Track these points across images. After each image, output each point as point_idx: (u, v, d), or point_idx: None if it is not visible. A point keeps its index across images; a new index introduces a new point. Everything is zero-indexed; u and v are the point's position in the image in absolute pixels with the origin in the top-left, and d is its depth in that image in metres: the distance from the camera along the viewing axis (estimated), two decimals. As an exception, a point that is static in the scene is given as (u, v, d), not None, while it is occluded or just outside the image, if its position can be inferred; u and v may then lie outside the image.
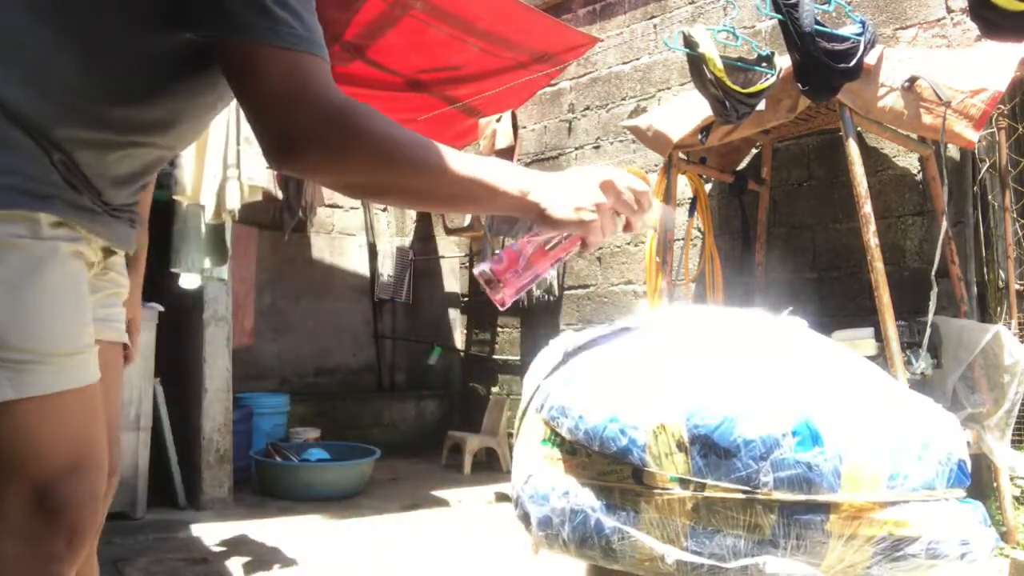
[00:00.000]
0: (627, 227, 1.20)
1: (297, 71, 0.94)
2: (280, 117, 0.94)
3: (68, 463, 0.96)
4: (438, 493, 4.79)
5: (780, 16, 3.02)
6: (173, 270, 3.80)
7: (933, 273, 3.10)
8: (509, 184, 1.08)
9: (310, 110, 0.94)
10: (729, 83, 3.08)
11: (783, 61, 3.51)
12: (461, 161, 1.04)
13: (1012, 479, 3.40)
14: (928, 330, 3.09)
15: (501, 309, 1.24)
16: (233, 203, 3.49)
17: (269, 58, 0.93)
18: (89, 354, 1.01)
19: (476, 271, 1.20)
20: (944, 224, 3.25)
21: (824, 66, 2.99)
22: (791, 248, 4.32)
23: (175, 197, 3.72)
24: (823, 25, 3.09)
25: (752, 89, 3.13)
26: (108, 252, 1.16)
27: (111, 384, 1.08)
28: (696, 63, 3.15)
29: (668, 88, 5.01)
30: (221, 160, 3.49)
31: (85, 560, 1.11)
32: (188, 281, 3.84)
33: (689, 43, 3.17)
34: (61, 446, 0.96)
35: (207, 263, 3.79)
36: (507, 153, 4.98)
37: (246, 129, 3.54)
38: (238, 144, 3.51)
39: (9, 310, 0.90)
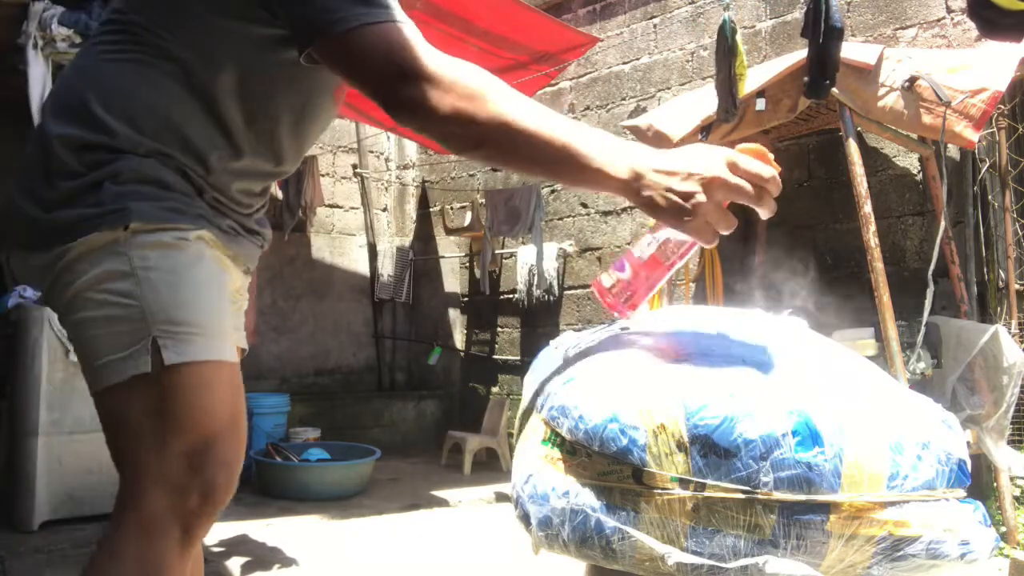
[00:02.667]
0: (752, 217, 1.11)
1: (390, 44, 1.09)
2: (392, 94, 1.09)
3: (217, 427, 1.13)
4: (438, 493, 4.79)
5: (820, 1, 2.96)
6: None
7: (930, 272, 3.10)
8: (604, 156, 1.04)
9: (416, 79, 1.07)
10: None
11: (782, 61, 3.51)
12: (556, 123, 1.05)
13: (1012, 479, 3.40)
14: (923, 329, 3.09)
15: (625, 318, 1.14)
16: None
17: (363, 40, 1.08)
18: (229, 337, 1.19)
19: (604, 282, 1.11)
20: (943, 224, 3.25)
21: (835, 65, 2.98)
22: (791, 248, 4.32)
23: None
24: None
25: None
26: (246, 272, 1.38)
27: (239, 385, 1.22)
28: None
29: (668, 88, 5.01)
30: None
31: (194, 560, 1.26)
32: None
33: None
34: (210, 411, 1.13)
35: None
36: (507, 153, 4.98)
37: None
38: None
39: (174, 293, 1.12)
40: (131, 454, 1.12)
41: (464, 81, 1.07)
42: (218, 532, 3.79)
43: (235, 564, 3.34)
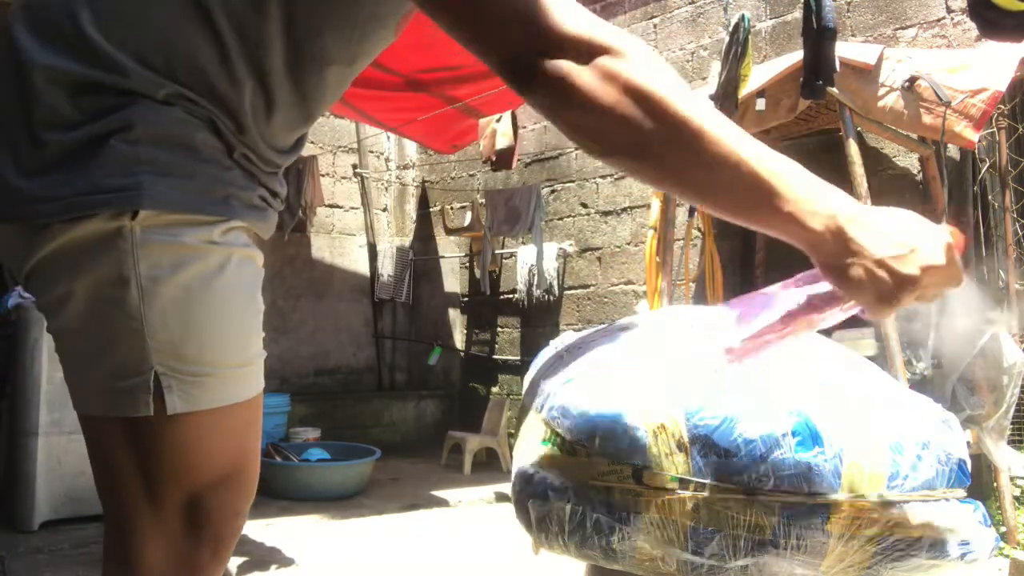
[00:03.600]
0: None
1: None
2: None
3: (221, 475, 0.94)
4: (438, 493, 4.79)
5: (812, 3, 2.97)
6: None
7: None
8: (803, 196, 0.80)
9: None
10: None
11: (782, 61, 3.51)
12: (746, 141, 0.79)
13: (1012, 479, 3.40)
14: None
15: (737, 364, 0.96)
16: None
17: None
18: (257, 364, 1.01)
19: (730, 345, 0.89)
20: (943, 224, 3.25)
21: (829, 64, 2.99)
22: (791, 248, 4.31)
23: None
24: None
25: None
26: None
27: (257, 417, 1.05)
28: None
29: (668, 88, 5.01)
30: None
31: None
32: None
33: None
34: (218, 458, 0.94)
35: None
36: (507, 153, 4.98)
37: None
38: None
39: (185, 320, 0.87)
40: (120, 503, 0.93)
41: (639, 60, 0.81)
42: (218, 532, 3.79)
43: (235, 564, 3.34)
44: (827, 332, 1.14)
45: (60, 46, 0.85)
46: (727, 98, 3.27)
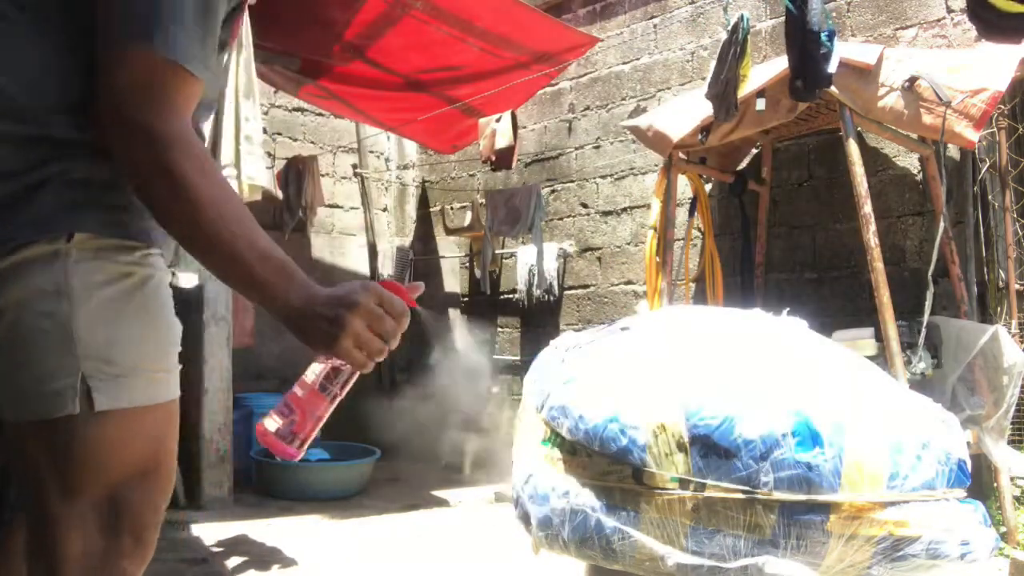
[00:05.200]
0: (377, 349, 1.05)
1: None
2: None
3: (142, 470, 1.05)
4: (438, 493, 4.79)
5: (792, 9, 2.99)
6: (170, 268, 3.78)
7: (930, 273, 3.09)
8: (278, 278, 1.00)
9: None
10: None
11: (782, 61, 3.51)
12: (246, 228, 0.99)
13: (1012, 479, 3.40)
14: (924, 330, 3.09)
15: (295, 461, 1.13)
16: None
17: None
18: (175, 373, 1.11)
19: (267, 427, 1.09)
20: (943, 224, 3.25)
21: (816, 66, 2.99)
22: (791, 248, 4.32)
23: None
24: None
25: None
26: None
27: (174, 420, 1.17)
28: None
29: (668, 88, 5.01)
30: (217, 159, 3.47)
31: None
32: (186, 280, 3.83)
33: None
34: (139, 454, 1.05)
35: None
36: (507, 153, 4.98)
37: (246, 128, 3.52)
38: (237, 143, 3.49)
39: (114, 328, 1.00)
40: (41, 502, 0.99)
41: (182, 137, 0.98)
42: (218, 532, 3.79)
43: (235, 564, 3.34)
44: (827, 332, 1.16)
45: None
46: (724, 98, 3.27)
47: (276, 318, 1.03)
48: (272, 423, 1.09)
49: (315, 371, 1.10)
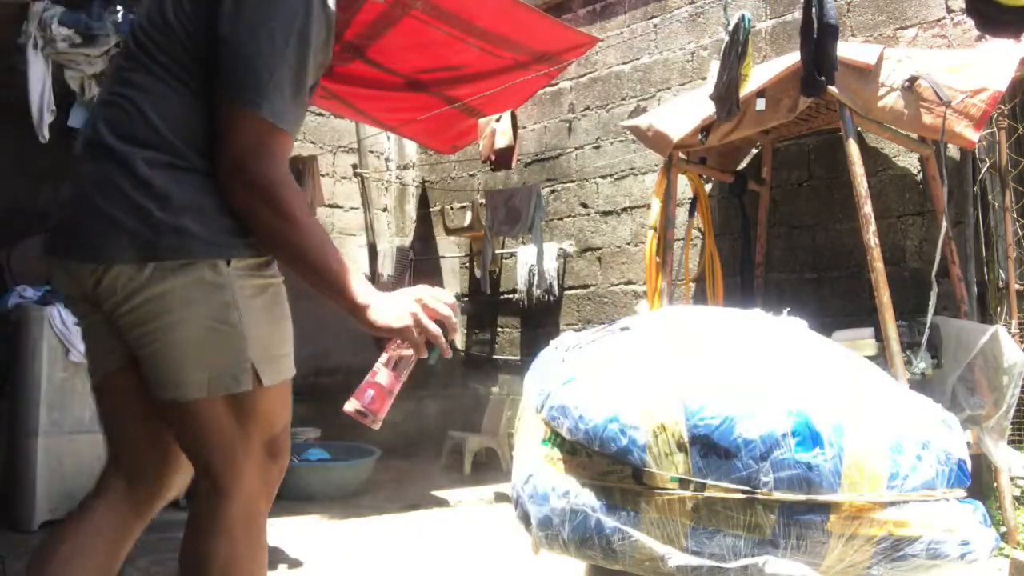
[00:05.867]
0: (444, 334, 1.41)
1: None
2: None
3: (284, 423, 1.46)
4: (438, 493, 4.79)
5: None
6: None
7: (934, 273, 3.09)
8: (354, 286, 1.34)
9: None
10: None
11: (782, 61, 3.51)
12: (328, 249, 1.33)
13: (1012, 479, 3.40)
14: (927, 330, 3.09)
15: (375, 429, 1.45)
16: None
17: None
18: (292, 355, 1.47)
19: (349, 409, 1.39)
20: (944, 224, 3.25)
21: (831, 62, 2.98)
22: (791, 248, 4.32)
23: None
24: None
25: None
26: None
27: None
28: None
29: (668, 88, 5.01)
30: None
31: None
32: None
33: None
34: (284, 412, 1.46)
35: None
36: (507, 152, 4.97)
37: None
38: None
39: (265, 327, 1.37)
40: (224, 450, 1.37)
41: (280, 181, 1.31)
42: (218, 532, 3.78)
43: (235, 564, 3.33)
44: (827, 332, 1.17)
45: (143, 141, 1.29)
46: (726, 98, 3.27)
47: (347, 312, 1.36)
48: (351, 405, 1.39)
49: (383, 360, 1.43)
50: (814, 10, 2.97)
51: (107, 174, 1.28)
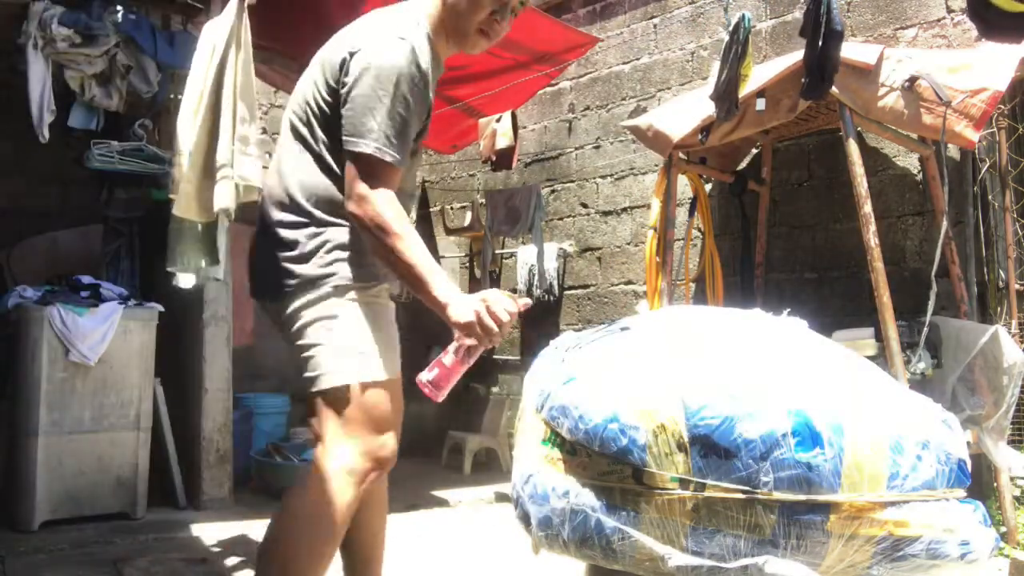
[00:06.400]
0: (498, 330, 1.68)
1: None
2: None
3: (396, 423, 1.82)
4: (438, 493, 4.79)
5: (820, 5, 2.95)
6: (169, 269, 3.76)
7: (933, 273, 3.09)
8: (437, 287, 1.67)
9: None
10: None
11: (782, 61, 3.51)
12: (426, 252, 1.69)
13: (1012, 479, 3.40)
14: (926, 330, 3.09)
15: (437, 402, 1.77)
16: (224, 203, 3.41)
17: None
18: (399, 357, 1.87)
19: (420, 379, 1.69)
20: (944, 224, 3.25)
21: (833, 67, 2.98)
22: (791, 248, 4.32)
23: (171, 196, 3.69)
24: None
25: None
26: None
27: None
28: None
29: (668, 88, 5.01)
30: (214, 160, 3.44)
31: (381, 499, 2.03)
32: (184, 281, 3.81)
33: None
34: (396, 410, 1.82)
35: (203, 263, 3.75)
36: (507, 153, 4.97)
37: (241, 129, 3.50)
38: (232, 144, 3.47)
39: (382, 332, 1.80)
40: (346, 432, 1.73)
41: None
42: (218, 532, 3.79)
43: (235, 564, 3.34)
44: (827, 332, 1.17)
45: (288, 209, 1.81)
46: (725, 98, 3.27)
47: (434, 311, 1.68)
48: (426, 375, 1.71)
49: (452, 347, 1.72)
50: (822, 15, 2.96)
51: (266, 237, 1.82)
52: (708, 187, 4.51)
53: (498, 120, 5.03)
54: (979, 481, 3.27)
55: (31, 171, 5.25)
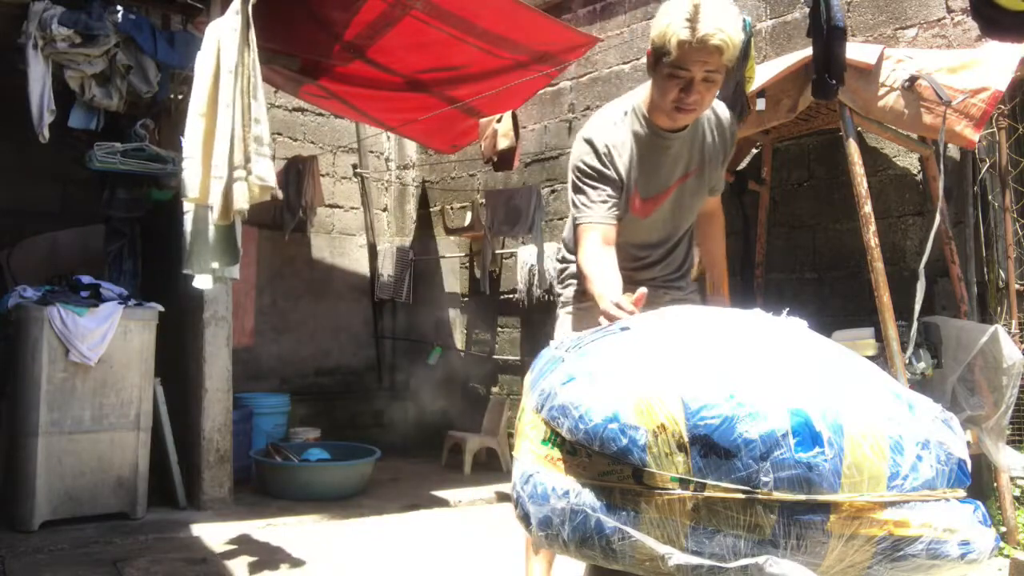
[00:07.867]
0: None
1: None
2: None
3: None
4: (438, 493, 4.79)
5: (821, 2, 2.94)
6: (185, 271, 3.73)
7: (921, 266, 3.04)
8: (601, 292, 2.05)
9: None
10: None
11: (782, 61, 3.51)
12: (600, 276, 2.12)
13: (1012, 479, 3.40)
14: (916, 324, 3.07)
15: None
16: (241, 203, 3.40)
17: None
18: None
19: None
20: (937, 219, 3.23)
21: (840, 65, 2.98)
22: (791, 248, 4.32)
23: (182, 199, 3.67)
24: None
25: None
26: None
27: None
28: None
29: (668, 88, 5.01)
30: (227, 161, 3.43)
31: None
32: (201, 282, 3.77)
33: None
34: None
35: (217, 264, 3.73)
36: (509, 154, 4.97)
37: (256, 129, 3.50)
38: (246, 145, 3.46)
39: (581, 326, 2.19)
40: None
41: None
42: (218, 532, 3.79)
43: (235, 564, 3.34)
44: (827, 332, 1.18)
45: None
46: (735, 100, 3.25)
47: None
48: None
49: (603, 321, 1.98)
50: (822, 13, 2.96)
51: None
52: (708, 187, 4.50)
53: (498, 120, 5.02)
54: (979, 481, 3.27)
55: (31, 171, 5.25)
